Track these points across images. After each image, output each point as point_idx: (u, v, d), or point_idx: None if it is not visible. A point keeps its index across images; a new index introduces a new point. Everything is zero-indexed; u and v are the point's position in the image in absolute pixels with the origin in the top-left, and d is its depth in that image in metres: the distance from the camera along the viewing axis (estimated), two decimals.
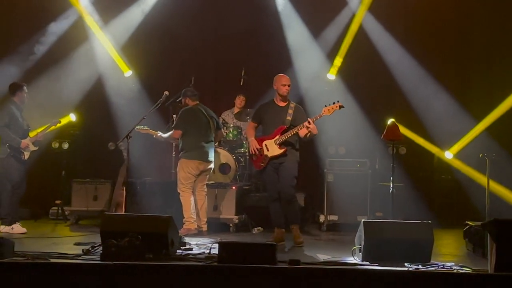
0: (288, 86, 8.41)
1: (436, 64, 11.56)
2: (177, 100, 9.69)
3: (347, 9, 11.92)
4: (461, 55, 11.84)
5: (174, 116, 10.27)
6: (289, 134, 8.22)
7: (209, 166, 9.25)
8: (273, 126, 8.39)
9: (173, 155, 10.76)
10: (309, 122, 8.02)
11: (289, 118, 8.33)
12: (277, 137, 8.28)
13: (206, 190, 9.37)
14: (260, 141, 8.44)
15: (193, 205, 9.08)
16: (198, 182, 9.23)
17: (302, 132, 8.14)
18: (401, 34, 11.64)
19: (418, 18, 11.68)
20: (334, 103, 8.03)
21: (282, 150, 8.26)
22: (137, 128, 8.94)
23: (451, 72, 11.75)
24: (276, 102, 8.50)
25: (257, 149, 8.40)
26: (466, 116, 11.25)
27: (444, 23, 11.74)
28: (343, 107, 8.04)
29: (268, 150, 8.33)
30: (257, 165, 8.56)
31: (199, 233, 8.94)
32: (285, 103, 8.46)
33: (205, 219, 9.20)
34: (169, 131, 9.46)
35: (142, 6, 12.05)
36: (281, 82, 8.40)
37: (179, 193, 9.08)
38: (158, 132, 9.40)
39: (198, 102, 9.33)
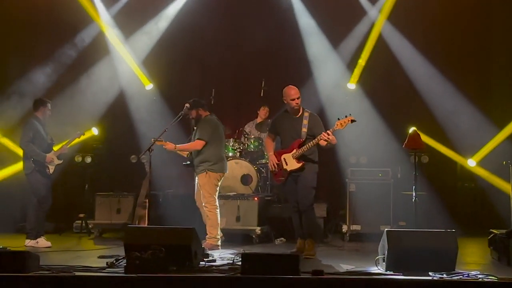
0: (298, 98, 8.25)
1: (456, 71, 11.51)
2: (186, 115, 9.12)
3: (366, 18, 11.93)
4: (482, 62, 11.78)
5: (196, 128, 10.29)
6: (305, 148, 8.15)
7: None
8: (290, 138, 8.32)
9: None
10: (328, 134, 7.98)
11: (304, 129, 8.24)
12: (294, 151, 8.22)
13: None
14: (278, 154, 8.40)
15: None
16: None
17: (322, 142, 8.12)
18: (420, 43, 11.62)
19: (438, 27, 11.66)
20: (346, 116, 7.97)
21: (300, 164, 8.20)
22: (154, 140, 8.77)
23: (472, 79, 11.69)
24: (290, 113, 8.45)
25: (276, 164, 8.39)
26: (488, 123, 11.18)
27: (464, 31, 11.69)
28: (355, 121, 7.97)
29: (286, 164, 8.28)
30: (278, 180, 8.54)
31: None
32: (299, 114, 8.38)
33: None
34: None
35: (159, 21, 12.16)
36: (290, 97, 8.25)
37: (207, 208, 8.75)
38: (167, 142, 8.95)
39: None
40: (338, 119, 7.99)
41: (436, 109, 11.43)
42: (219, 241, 8.75)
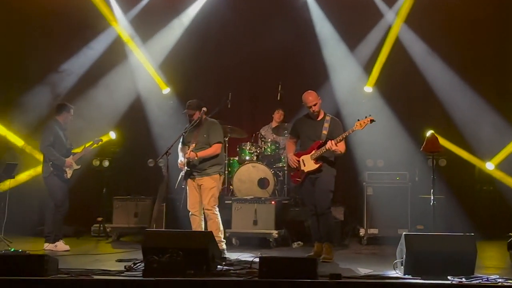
0: (315, 105, 8.30)
1: (475, 74, 11.43)
2: (191, 116, 8.57)
3: (383, 21, 11.89)
4: (500, 65, 11.69)
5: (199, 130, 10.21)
6: (324, 149, 8.19)
7: None
8: (310, 141, 8.38)
9: None
10: (332, 144, 8.05)
11: (325, 132, 8.30)
12: (313, 152, 8.27)
13: None
14: (297, 156, 8.45)
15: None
16: None
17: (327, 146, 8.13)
18: (438, 45, 11.54)
19: (455, 29, 11.57)
20: (366, 117, 8.01)
21: (317, 165, 8.25)
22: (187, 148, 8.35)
23: (491, 82, 11.60)
24: (311, 117, 8.49)
25: (295, 163, 8.41)
26: (507, 126, 11.09)
27: (482, 33, 11.61)
28: (374, 121, 8.01)
29: (304, 165, 8.34)
30: (294, 180, 8.59)
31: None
32: (321, 117, 8.44)
33: None
34: None
35: (176, 26, 12.20)
36: (307, 104, 8.34)
37: (210, 211, 8.35)
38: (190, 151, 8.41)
39: None
40: (358, 119, 8.02)
41: (454, 112, 11.36)
42: (224, 244, 8.52)
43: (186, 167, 8.46)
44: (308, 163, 8.30)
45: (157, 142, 11.57)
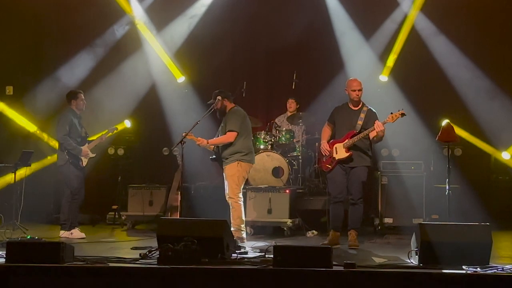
0: (359, 90, 8.45)
1: (491, 63, 11.33)
2: (212, 109, 8.80)
3: (399, 10, 11.80)
4: None
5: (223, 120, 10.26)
6: (356, 138, 8.30)
7: None
8: (345, 129, 8.49)
9: None
10: (379, 126, 8.14)
11: (360, 122, 8.40)
12: (346, 140, 8.38)
13: None
14: (331, 144, 8.55)
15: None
16: None
17: (372, 133, 8.27)
18: (454, 34, 11.45)
19: (473, 18, 11.47)
20: (398, 110, 8.13)
21: (348, 154, 8.36)
22: (186, 134, 8.54)
23: (508, 71, 11.48)
24: (349, 105, 8.59)
25: (327, 151, 8.49)
26: None
27: (500, 21, 11.48)
28: (405, 115, 8.14)
29: (336, 153, 8.45)
30: (324, 167, 8.68)
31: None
32: (358, 107, 8.53)
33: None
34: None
35: (191, 14, 12.16)
36: (351, 87, 8.47)
37: (233, 199, 8.54)
38: (199, 137, 8.67)
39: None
40: (391, 113, 8.13)
41: (469, 101, 11.27)
42: (245, 233, 8.59)
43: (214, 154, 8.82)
44: (340, 151, 8.42)
45: (172, 130, 11.58)
